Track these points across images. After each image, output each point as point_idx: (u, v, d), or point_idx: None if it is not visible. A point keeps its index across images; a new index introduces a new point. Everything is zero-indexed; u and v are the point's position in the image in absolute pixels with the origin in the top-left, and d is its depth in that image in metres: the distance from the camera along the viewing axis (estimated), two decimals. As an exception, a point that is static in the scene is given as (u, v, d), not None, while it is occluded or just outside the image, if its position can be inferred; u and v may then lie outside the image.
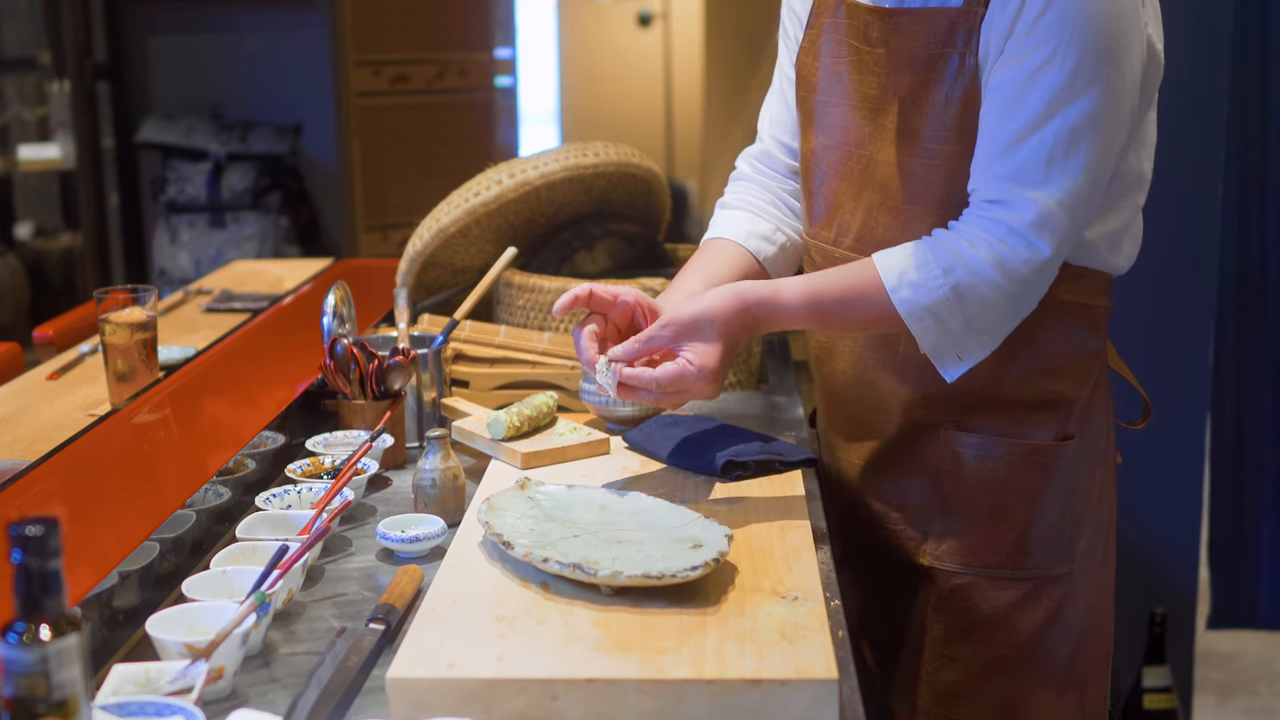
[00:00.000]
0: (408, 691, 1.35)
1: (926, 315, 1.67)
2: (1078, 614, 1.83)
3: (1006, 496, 1.80)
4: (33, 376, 2.50)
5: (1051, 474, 1.80)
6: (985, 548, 1.82)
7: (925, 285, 1.67)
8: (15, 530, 1.07)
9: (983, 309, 1.67)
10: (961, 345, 1.70)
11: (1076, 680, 1.85)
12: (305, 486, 1.85)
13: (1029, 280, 1.66)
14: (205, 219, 4.85)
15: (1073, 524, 1.81)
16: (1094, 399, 1.83)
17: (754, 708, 1.33)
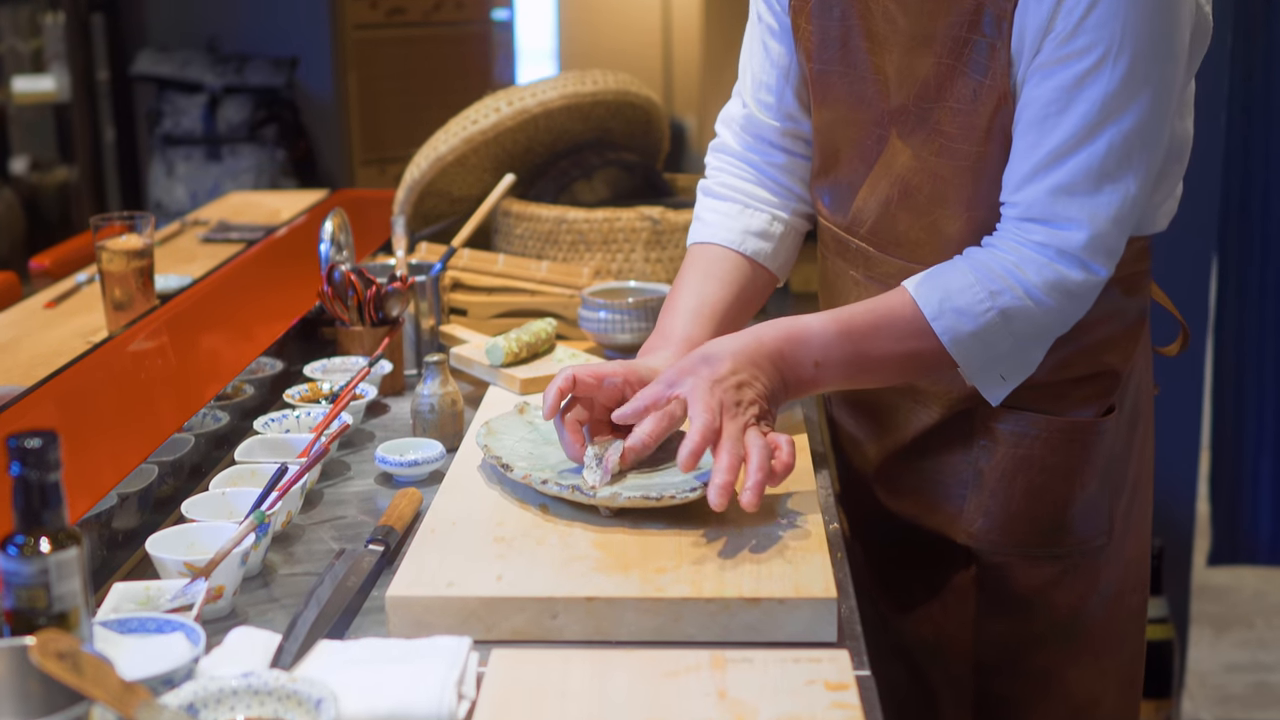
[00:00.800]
0: (407, 610, 1.36)
1: (973, 342, 1.54)
2: (1115, 578, 1.74)
3: (1045, 475, 1.68)
4: (30, 305, 2.50)
5: (1092, 449, 1.68)
6: (1022, 527, 1.70)
7: (970, 312, 1.53)
8: (14, 442, 1.07)
9: (1032, 331, 1.55)
10: (1007, 366, 1.58)
11: (1115, 640, 1.77)
12: (303, 411, 1.85)
13: (1084, 299, 1.55)
14: (201, 152, 4.82)
15: (1112, 492, 1.71)
16: (1135, 366, 1.72)
17: (753, 626, 1.33)
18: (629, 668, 1.26)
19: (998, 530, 1.70)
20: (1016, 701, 1.76)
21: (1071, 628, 1.73)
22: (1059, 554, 1.70)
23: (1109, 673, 1.77)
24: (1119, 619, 1.77)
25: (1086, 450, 1.67)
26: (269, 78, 4.89)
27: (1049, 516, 1.69)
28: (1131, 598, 1.79)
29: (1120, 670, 1.79)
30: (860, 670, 1.28)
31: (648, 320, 2.14)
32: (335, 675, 1.23)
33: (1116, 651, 1.78)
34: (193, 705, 1.16)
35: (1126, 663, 1.80)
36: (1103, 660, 1.76)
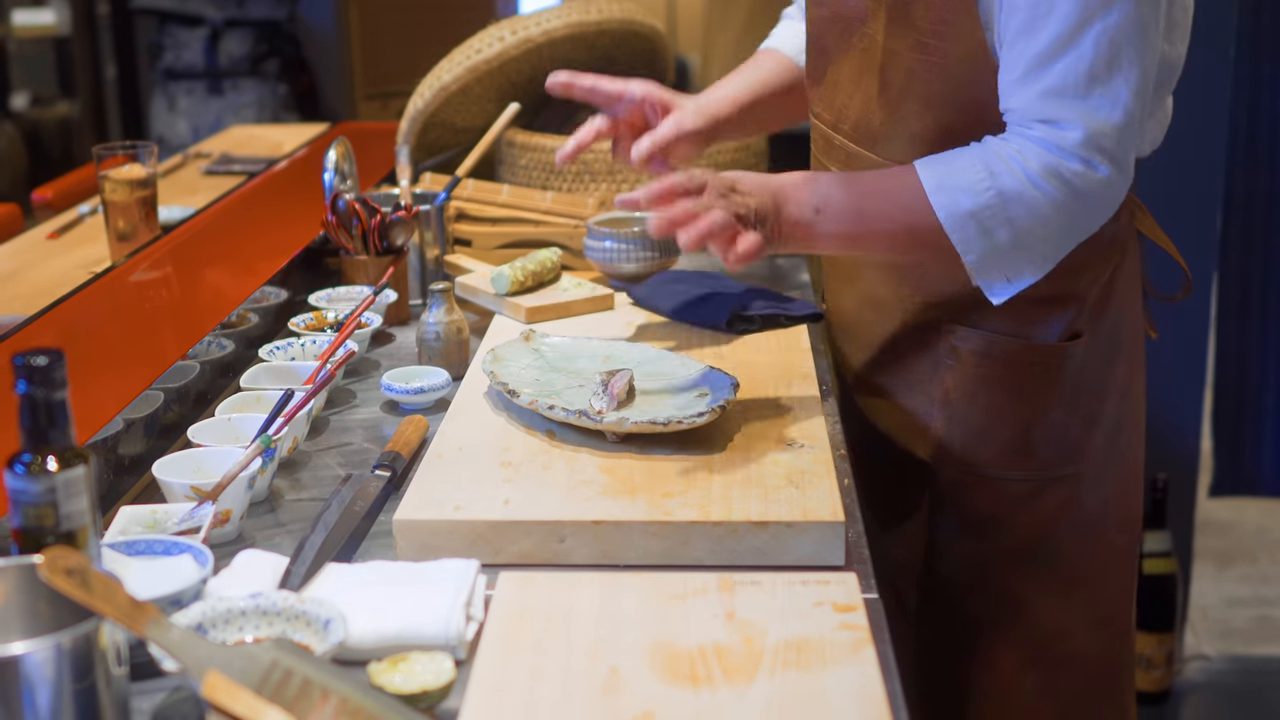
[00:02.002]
0: (414, 534, 1.36)
1: (970, 223, 1.51)
2: (1089, 512, 1.73)
3: (1007, 396, 1.69)
4: (32, 236, 2.48)
5: (1056, 374, 1.68)
6: (985, 446, 1.71)
7: (969, 189, 1.51)
8: (20, 360, 1.06)
9: (1033, 222, 1.51)
10: (1010, 264, 1.54)
11: (1089, 576, 1.76)
12: (309, 339, 1.85)
13: (1086, 195, 1.50)
14: (203, 86, 4.79)
15: (1083, 422, 1.70)
16: (1111, 291, 1.70)
17: (760, 549, 1.33)
18: (637, 590, 1.26)
19: (960, 448, 1.72)
20: (986, 623, 1.77)
21: (1038, 553, 1.73)
22: (1020, 477, 1.71)
23: (1081, 606, 1.76)
24: (1097, 554, 1.76)
25: (1050, 374, 1.68)
26: (270, 11, 4.85)
27: (1010, 438, 1.70)
28: (1115, 536, 1.77)
29: (1096, 606, 1.78)
30: (868, 593, 1.28)
31: (653, 249, 2.12)
32: (343, 597, 1.24)
33: (1092, 587, 1.77)
34: (201, 625, 1.16)
35: (1105, 601, 1.79)
36: (1075, 593, 1.75)
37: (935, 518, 1.76)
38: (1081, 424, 1.70)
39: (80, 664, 1.01)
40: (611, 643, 1.18)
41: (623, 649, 1.17)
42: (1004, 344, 1.67)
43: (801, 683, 1.12)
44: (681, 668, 1.14)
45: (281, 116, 4.82)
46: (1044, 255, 1.55)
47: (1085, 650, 1.78)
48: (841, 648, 1.17)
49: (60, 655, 1.00)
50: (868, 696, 1.10)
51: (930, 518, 1.76)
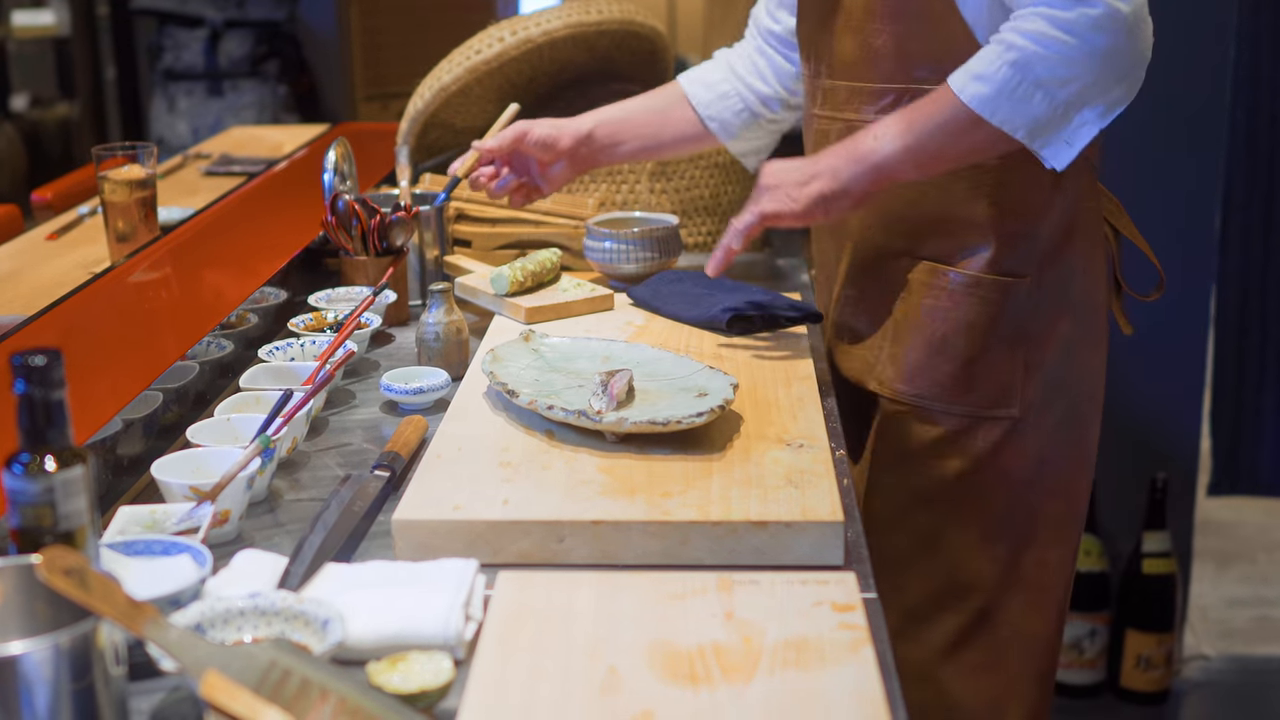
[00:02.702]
0: (414, 533, 1.36)
1: (1001, 101, 1.59)
2: (1021, 465, 1.77)
3: (947, 327, 1.76)
4: (32, 236, 2.48)
5: (994, 310, 1.74)
6: (923, 377, 1.77)
7: (985, 72, 1.60)
8: (19, 360, 1.06)
9: (1058, 77, 1.57)
10: (1056, 127, 1.61)
11: (1014, 534, 1.79)
12: (308, 340, 1.85)
13: (1094, 34, 1.55)
14: (203, 87, 4.79)
15: (1025, 368, 1.75)
16: (1064, 248, 1.75)
17: (759, 549, 1.33)
18: (636, 590, 1.26)
19: (903, 379, 1.79)
20: (904, 561, 1.81)
21: (958, 493, 1.78)
22: (955, 411, 1.76)
23: (998, 563, 1.79)
24: (1021, 513, 1.79)
25: (988, 309, 1.73)
26: (270, 11, 4.85)
27: (948, 372, 1.76)
28: (1049, 504, 1.79)
29: (1017, 569, 1.79)
30: (867, 593, 1.28)
31: (653, 250, 2.13)
32: (342, 597, 1.23)
33: (1012, 546, 1.79)
34: (200, 625, 1.16)
35: (1028, 565, 1.80)
36: (995, 546, 1.78)
37: (876, 450, 1.82)
38: (1021, 368, 1.75)
39: (78, 664, 1.01)
40: (610, 642, 1.18)
41: (622, 649, 1.17)
42: (947, 274, 1.75)
43: (800, 682, 1.12)
44: (680, 667, 1.14)
45: (281, 117, 4.82)
46: (1087, 106, 1.60)
47: (1000, 613, 1.80)
48: (840, 647, 1.16)
49: (58, 655, 1.00)
50: (866, 696, 1.10)
51: (873, 450, 1.82)
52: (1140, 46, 1.58)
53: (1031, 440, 1.77)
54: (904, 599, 1.81)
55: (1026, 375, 1.75)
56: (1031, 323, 1.75)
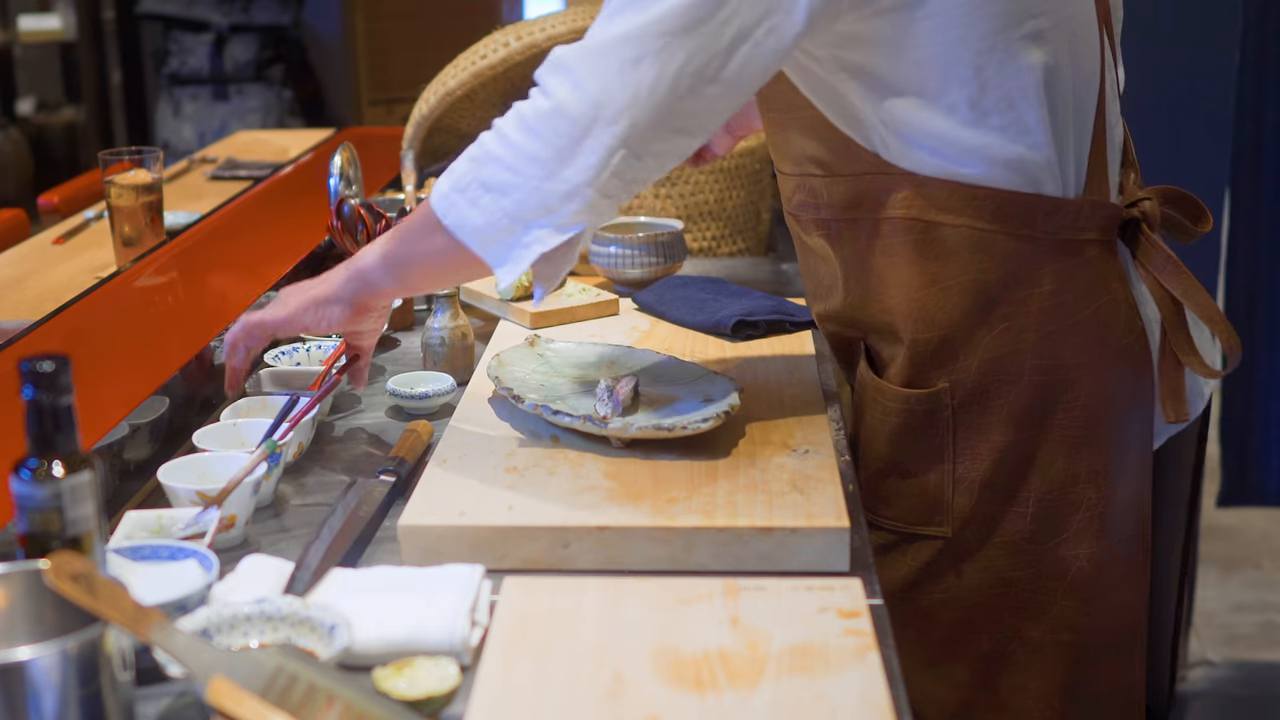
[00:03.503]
0: (419, 539, 1.36)
1: (455, 200, 1.41)
2: (970, 587, 1.54)
3: (864, 434, 1.59)
4: (38, 241, 2.49)
5: (893, 419, 1.53)
6: (862, 478, 1.59)
7: (454, 168, 1.43)
8: (26, 366, 1.06)
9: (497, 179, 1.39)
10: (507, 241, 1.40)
11: (976, 658, 1.56)
12: (314, 344, 1.85)
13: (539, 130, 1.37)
14: (208, 91, 4.80)
15: (952, 484, 1.52)
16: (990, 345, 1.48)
17: (765, 555, 1.33)
18: (642, 596, 1.26)
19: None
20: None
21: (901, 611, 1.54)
22: (883, 525, 1.57)
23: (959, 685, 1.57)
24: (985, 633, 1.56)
25: (888, 418, 1.54)
26: (276, 16, 4.86)
27: (865, 480, 1.58)
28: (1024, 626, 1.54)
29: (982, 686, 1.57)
30: (873, 599, 1.28)
31: (658, 255, 2.13)
32: (348, 602, 1.24)
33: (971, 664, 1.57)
34: (206, 630, 1.16)
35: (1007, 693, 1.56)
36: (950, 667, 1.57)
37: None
38: (948, 483, 1.52)
39: (85, 669, 1.01)
40: (616, 648, 1.18)
41: (627, 654, 1.17)
42: (868, 379, 1.57)
43: (806, 688, 1.12)
44: (686, 673, 1.14)
45: (286, 121, 4.83)
46: (538, 222, 1.38)
47: None
48: (846, 653, 1.17)
49: (66, 661, 1.00)
50: (872, 702, 1.10)
51: None
52: (600, 175, 1.35)
53: (980, 560, 1.53)
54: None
55: (956, 490, 1.52)
56: (956, 434, 1.51)
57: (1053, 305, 1.47)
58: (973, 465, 1.51)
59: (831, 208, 1.54)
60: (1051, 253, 1.47)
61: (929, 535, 1.54)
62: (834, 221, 1.54)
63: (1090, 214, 1.47)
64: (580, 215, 1.37)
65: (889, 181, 1.47)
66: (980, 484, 1.51)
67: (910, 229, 1.48)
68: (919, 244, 1.48)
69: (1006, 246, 1.46)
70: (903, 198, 1.47)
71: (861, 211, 1.51)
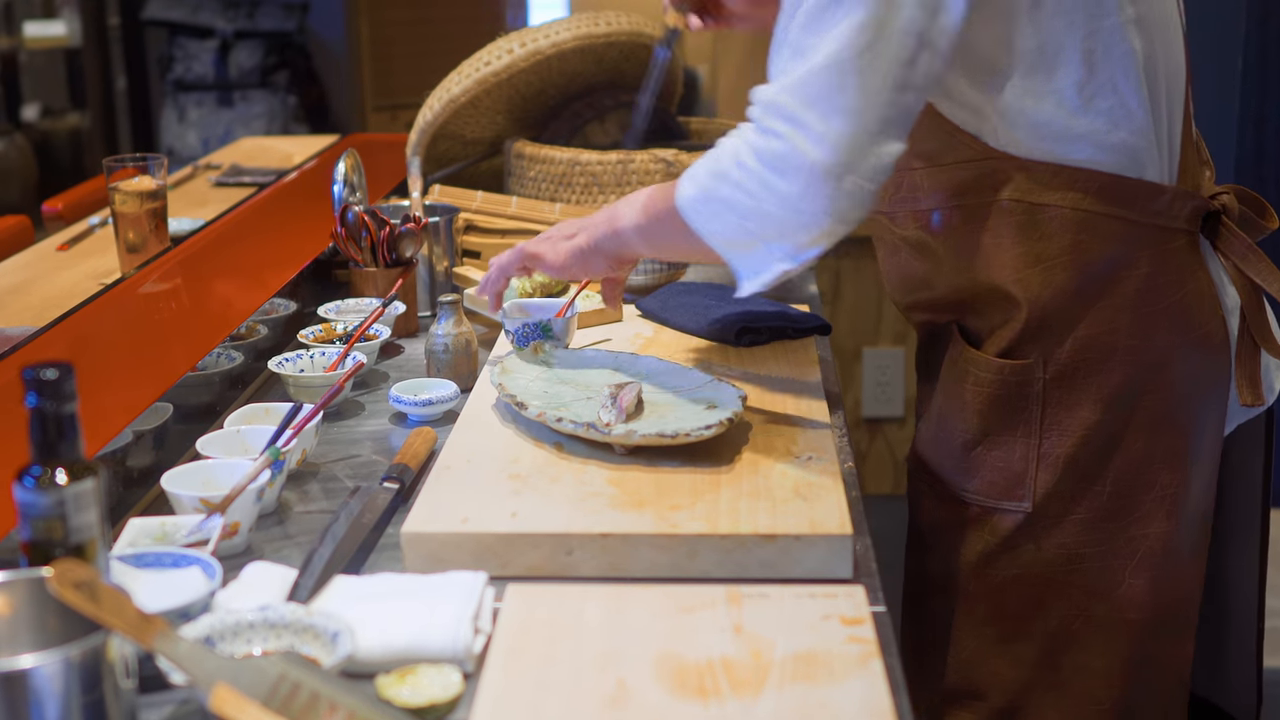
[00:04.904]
0: (422, 546, 1.36)
1: (700, 209, 1.47)
2: (1044, 563, 1.58)
3: (951, 406, 1.62)
4: (42, 247, 2.49)
5: (986, 390, 1.57)
6: (933, 457, 1.65)
7: (699, 176, 1.47)
8: (30, 374, 1.07)
9: (738, 201, 1.42)
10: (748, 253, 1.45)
11: (1043, 635, 1.60)
12: (318, 351, 1.85)
13: (775, 169, 1.39)
14: (213, 98, 4.81)
15: (1036, 459, 1.56)
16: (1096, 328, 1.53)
17: (768, 562, 1.33)
18: (645, 603, 1.26)
19: (918, 457, 1.69)
20: (917, 649, 1.69)
21: (972, 586, 1.62)
22: (964, 498, 1.61)
23: (1023, 662, 1.61)
24: (1053, 610, 1.59)
25: (980, 389, 1.58)
26: (280, 22, 4.87)
27: (950, 453, 1.62)
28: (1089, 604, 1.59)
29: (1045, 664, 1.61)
30: (876, 606, 1.28)
31: (661, 261, 2.13)
32: (351, 610, 1.24)
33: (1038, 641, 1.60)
34: (210, 638, 1.16)
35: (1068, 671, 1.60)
36: (1015, 644, 1.61)
37: (908, 530, 1.73)
38: (1033, 458, 1.57)
39: (89, 677, 1.01)
40: (619, 655, 1.18)
41: (630, 662, 1.17)
42: (968, 352, 1.60)
43: (809, 696, 1.12)
44: (689, 680, 1.14)
45: (291, 128, 4.83)
46: (777, 243, 1.43)
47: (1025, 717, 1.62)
48: (849, 661, 1.16)
49: (69, 668, 1.00)
50: (875, 709, 1.10)
51: (907, 530, 1.73)
52: (829, 203, 1.38)
53: (1056, 537, 1.57)
54: (915, 693, 1.59)
55: (1040, 466, 1.56)
56: (1045, 409, 1.56)
57: (1147, 288, 1.53)
58: (1059, 441, 1.56)
59: (934, 197, 1.57)
60: (1149, 237, 1.53)
61: (1009, 509, 1.59)
62: (937, 211, 1.58)
63: (1182, 203, 1.53)
64: (819, 241, 1.42)
65: (995, 166, 1.52)
66: (1065, 460, 1.56)
67: (1015, 210, 1.52)
68: (1023, 225, 1.52)
69: (1109, 228, 1.51)
70: (1009, 181, 1.51)
71: (967, 198, 1.54)
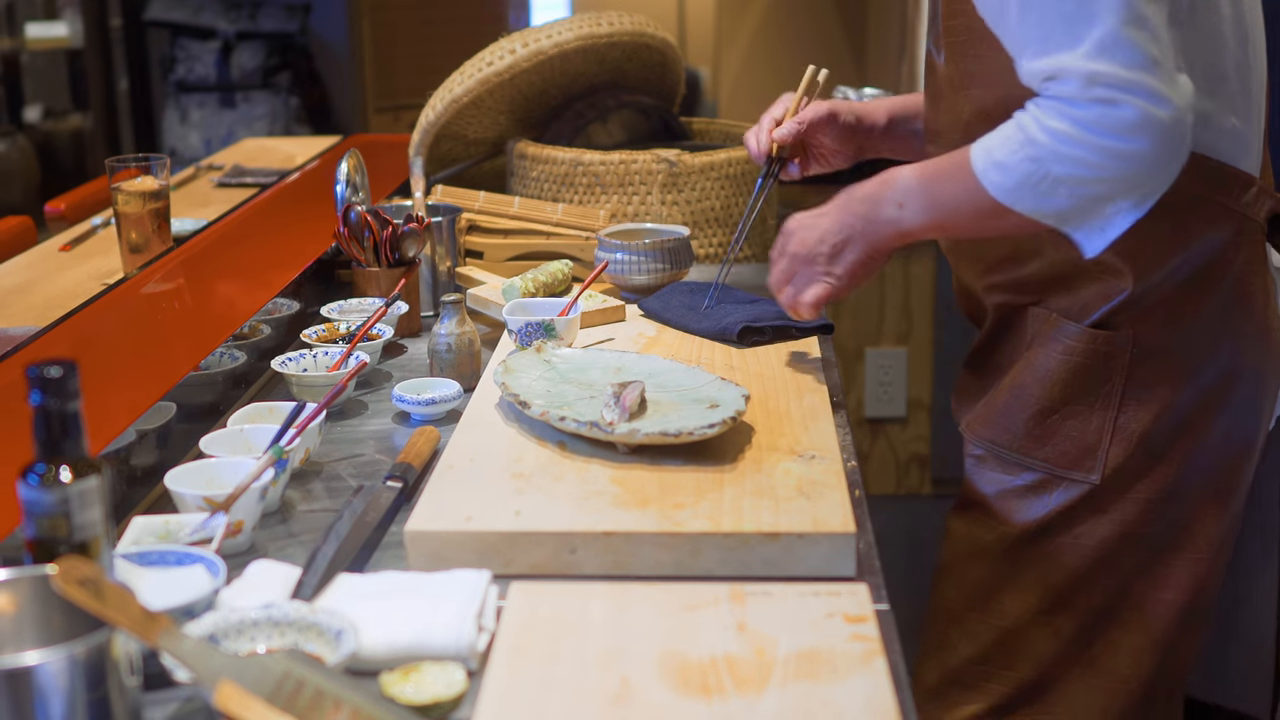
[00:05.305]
0: (426, 544, 1.36)
1: (1024, 192, 1.47)
2: (1099, 537, 1.61)
3: (1027, 374, 1.63)
4: (45, 248, 2.49)
5: (1073, 359, 1.60)
6: (999, 422, 1.65)
7: (1007, 163, 1.47)
8: (34, 372, 1.07)
9: (1082, 177, 1.44)
10: (1089, 213, 1.49)
11: (1084, 610, 1.63)
12: (321, 351, 1.85)
13: (1121, 135, 1.40)
14: (215, 99, 4.81)
15: (1111, 431, 1.59)
16: (1186, 307, 1.57)
17: (771, 560, 1.33)
18: (648, 601, 1.26)
19: (981, 423, 1.69)
20: (951, 613, 1.71)
21: (1020, 553, 1.65)
22: (1029, 465, 1.64)
23: (1060, 635, 1.65)
24: (1098, 586, 1.63)
25: (1068, 358, 1.60)
26: (282, 23, 4.87)
27: (1023, 420, 1.64)
28: (1133, 584, 1.63)
29: (1080, 640, 1.64)
30: (879, 604, 1.28)
31: (664, 261, 2.13)
32: (355, 607, 1.24)
33: (1077, 616, 1.64)
34: (214, 635, 1.16)
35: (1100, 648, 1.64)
36: (1056, 616, 1.64)
37: (958, 495, 1.73)
38: (1108, 430, 1.60)
39: (93, 674, 1.02)
40: (623, 653, 1.18)
41: (634, 659, 1.17)
42: (1028, 315, 1.65)
43: (812, 693, 1.12)
44: (693, 678, 1.14)
45: (293, 129, 4.84)
46: (1122, 197, 1.47)
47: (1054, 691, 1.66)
48: (852, 659, 1.17)
49: (73, 665, 1.00)
50: (878, 707, 1.10)
51: (956, 495, 1.74)
52: (1178, 147, 1.43)
53: (1115, 512, 1.61)
54: (946, 657, 1.71)
55: (1114, 439, 1.59)
56: (1129, 386, 1.59)
57: (1240, 276, 1.58)
58: (1135, 416, 1.59)
59: None
60: (1241, 228, 1.57)
61: (1075, 479, 1.61)
62: None
63: (1264, 199, 1.59)
64: (1166, 183, 1.46)
65: None
66: (1139, 436, 1.59)
67: None
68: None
69: (1211, 213, 1.56)
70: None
71: None
